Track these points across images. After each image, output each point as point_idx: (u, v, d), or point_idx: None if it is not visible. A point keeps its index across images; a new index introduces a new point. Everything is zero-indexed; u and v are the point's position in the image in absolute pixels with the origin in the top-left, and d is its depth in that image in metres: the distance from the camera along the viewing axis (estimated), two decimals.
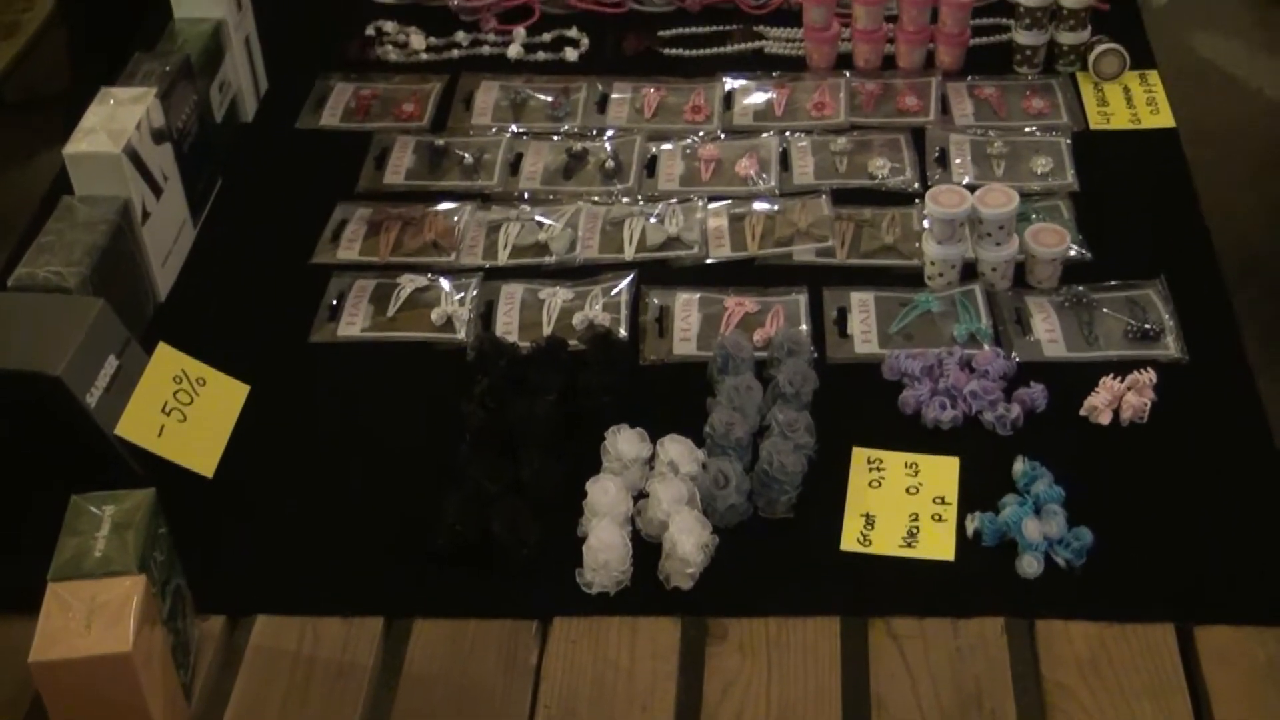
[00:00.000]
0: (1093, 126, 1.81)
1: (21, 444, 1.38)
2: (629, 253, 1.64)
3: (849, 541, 1.32)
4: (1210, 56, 3.64)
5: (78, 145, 1.52)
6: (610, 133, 1.82)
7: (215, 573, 1.31)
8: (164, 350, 1.43)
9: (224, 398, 1.46)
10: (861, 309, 1.55)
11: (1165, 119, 1.82)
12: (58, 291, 1.43)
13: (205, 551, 1.31)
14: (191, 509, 1.34)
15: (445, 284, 1.60)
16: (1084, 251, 1.61)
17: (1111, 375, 1.44)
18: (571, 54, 1.98)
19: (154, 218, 1.58)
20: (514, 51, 1.98)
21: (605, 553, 1.27)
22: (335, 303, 1.59)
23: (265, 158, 1.84)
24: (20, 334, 1.36)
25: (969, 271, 1.58)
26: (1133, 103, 1.84)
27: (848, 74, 1.91)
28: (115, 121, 1.54)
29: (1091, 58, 1.87)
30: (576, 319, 1.55)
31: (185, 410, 1.41)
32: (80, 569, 1.11)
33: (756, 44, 1.98)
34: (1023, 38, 1.88)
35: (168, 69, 1.65)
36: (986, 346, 1.49)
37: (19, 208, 3.11)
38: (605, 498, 1.32)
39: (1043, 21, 1.86)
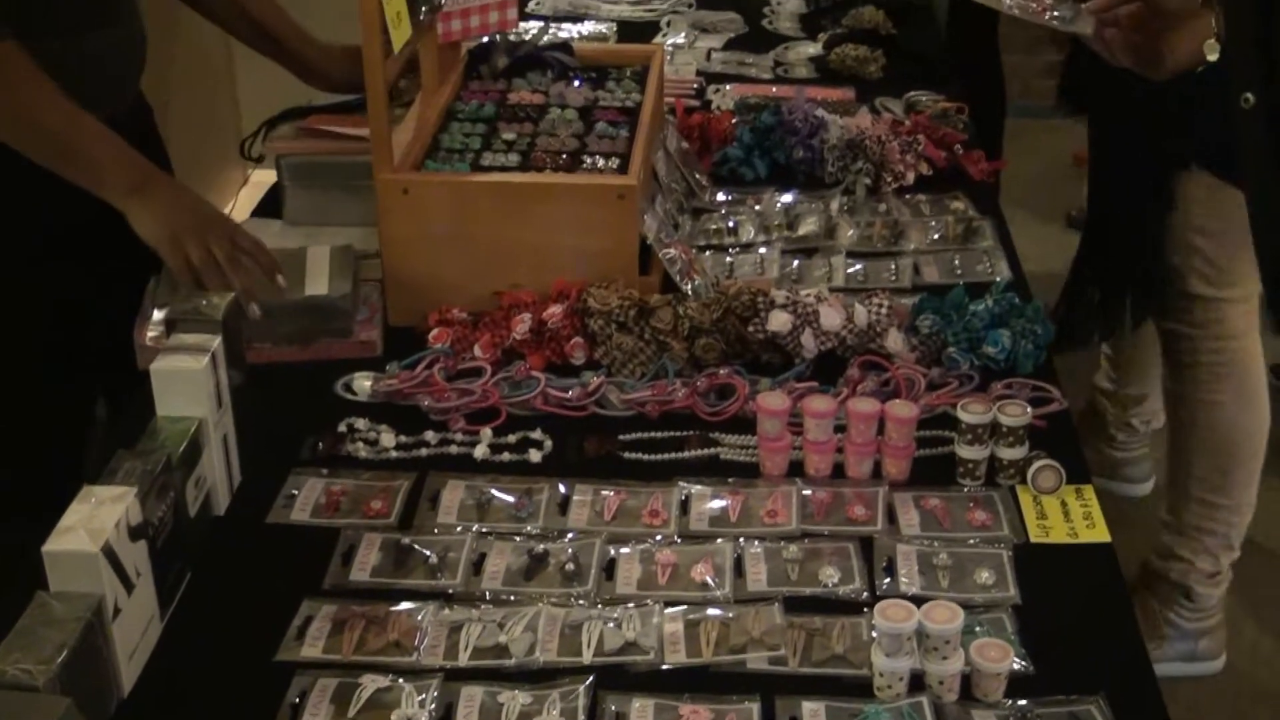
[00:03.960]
0: (1033, 539, 1.89)
1: None
2: (587, 656, 1.69)
3: None
4: None
5: (57, 543, 1.57)
6: (571, 535, 1.89)
7: None
8: None
9: None
10: (813, 719, 1.59)
11: (1100, 534, 1.90)
12: (26, 690, 1.46)
13: None
14: None
15: (406, 685, 1.63)
16: (1027, 665, 1.67)
17: None
18: (535, 455, 2.06)
19: (124, 614, 1.62)
20: (480, 452, 2.07)
21: None
22: (297, 702, 1.62)
23: (235, 552, 1.89)
24: None
25: (917, 683, 1.63)
26: (1070, 517, 1.93)
27: (799, 481, 1.99)
28: (95, 520, 1.59)
29: (1030, 472, 1.97)
30: None
31: None
32: None
33: (712, 450, 2.08)
34: (965, 452, 1.98)
35: (148, 468, 1.72)
36: None
37: None
38: None
39: (983, 437, 1.97)
